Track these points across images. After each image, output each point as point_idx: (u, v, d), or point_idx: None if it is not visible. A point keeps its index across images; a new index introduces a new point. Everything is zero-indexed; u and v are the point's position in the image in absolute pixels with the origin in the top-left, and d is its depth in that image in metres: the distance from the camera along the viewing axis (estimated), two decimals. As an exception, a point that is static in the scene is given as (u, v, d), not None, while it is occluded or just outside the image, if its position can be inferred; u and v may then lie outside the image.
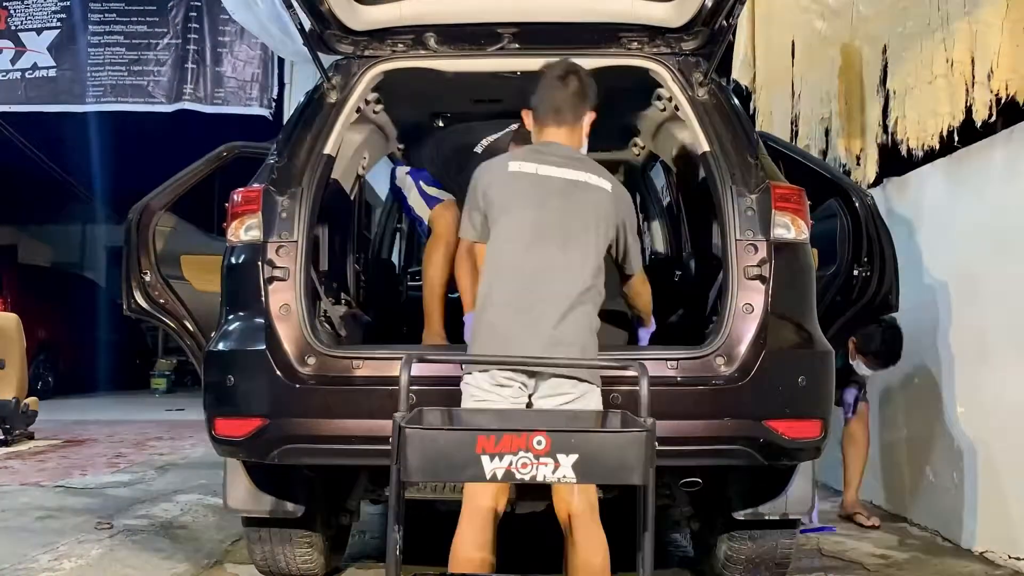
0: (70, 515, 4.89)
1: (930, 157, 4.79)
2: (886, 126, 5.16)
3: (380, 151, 4.37)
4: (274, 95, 10.43)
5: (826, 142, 5.98)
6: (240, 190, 3.29)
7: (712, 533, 3.65)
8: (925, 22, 4.74)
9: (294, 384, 3.08)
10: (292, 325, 3.11)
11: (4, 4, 10.44)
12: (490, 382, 2.75)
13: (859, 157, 5.56)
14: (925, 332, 4.74)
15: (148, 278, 3.68)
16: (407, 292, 5.21)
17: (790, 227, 3.18)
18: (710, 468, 3.31)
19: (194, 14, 10.42)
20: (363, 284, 4.38)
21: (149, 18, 10.43)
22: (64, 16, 10.39)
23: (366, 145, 4.03)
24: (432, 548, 3.06)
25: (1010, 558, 4.04)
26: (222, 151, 3.98)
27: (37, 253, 17.86)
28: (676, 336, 3.71)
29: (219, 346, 3.21)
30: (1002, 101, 4.19)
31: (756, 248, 3.13)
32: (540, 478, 2.26)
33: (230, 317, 3.24)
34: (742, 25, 6.99)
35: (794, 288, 3.17)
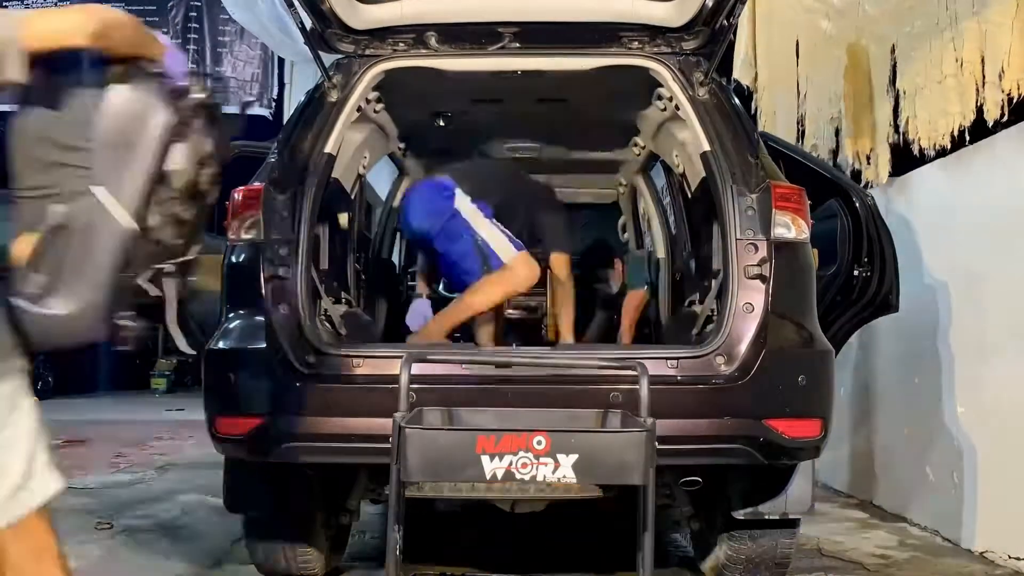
0: (70, 515, 4.87)
1: (942, 156, 4.79)
2: (897, 126, 5.16)
3: (381, 150, 4.38)
4: (274, 95, 10.43)
5: (836, 142, 5.98)
6: (240, 189, 3.29)
7: (712, 532, 3.65)
8: (933, 22, 4.74)
9: (294, 382, 3.07)
10: (292, 324, 3.11)
11: (4, 4, 10.43)
12: None
13: (869, 157, 5.55)
14: (925, 332, 4.74)
15: None
16: (407, 292, 5.21)
17: (790, 226, 3.18)
18: (710, 467, 3.31)
19: (194, 14, 10.43)
20: (363, 283, 4.38)
21: (149, 18, 10.41)
22: (64, 16, 10.40)
23: (367, 144, 4.04)
24: (432, 548, 3.06)
25: (1010, 558, 4.04)
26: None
27: (37, 253, 17.83)
28: (676, 336, 3.71)
29: (220, 344, 3.20)
30: (1014, 101, 4.19)
31: (756, 247, 3.12)
32: (540, 478, 2.25)
33: (230, 315, 3.24)
34: (743, 25, 7.00)
35: (794, 288, 3.17)
